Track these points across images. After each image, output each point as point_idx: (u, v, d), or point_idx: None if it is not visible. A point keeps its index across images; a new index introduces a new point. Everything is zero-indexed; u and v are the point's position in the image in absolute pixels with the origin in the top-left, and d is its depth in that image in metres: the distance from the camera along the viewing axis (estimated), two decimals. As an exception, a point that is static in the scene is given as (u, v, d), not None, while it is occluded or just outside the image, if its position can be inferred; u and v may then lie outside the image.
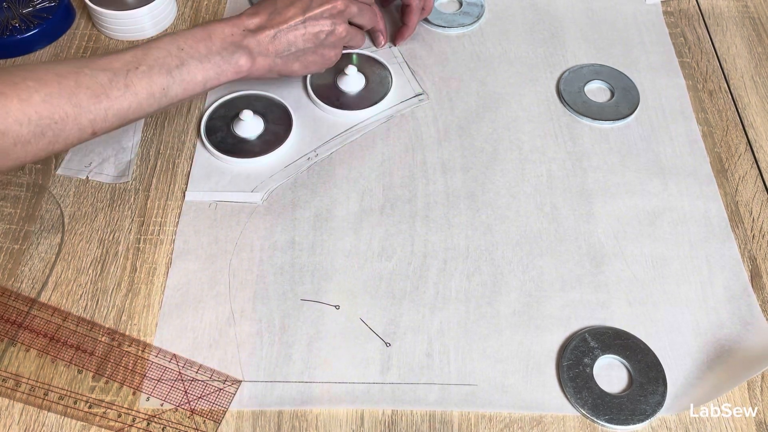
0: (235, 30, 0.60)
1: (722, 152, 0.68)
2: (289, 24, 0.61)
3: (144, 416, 0.51)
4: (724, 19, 0.80)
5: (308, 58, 0.64)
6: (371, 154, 0.66)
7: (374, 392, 0.52)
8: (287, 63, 0.63)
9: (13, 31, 0.73)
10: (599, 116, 0.70)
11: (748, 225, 0.63)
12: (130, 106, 0.55)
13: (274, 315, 0.56)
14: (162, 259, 0.59)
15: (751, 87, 0.73)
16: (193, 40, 0.58)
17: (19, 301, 0.56)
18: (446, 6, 0.80)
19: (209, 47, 0.58)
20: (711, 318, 0.57)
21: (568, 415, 0.52)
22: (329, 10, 0.63)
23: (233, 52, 0.59)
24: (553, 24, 0.79)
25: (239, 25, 0.60)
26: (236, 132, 0.67)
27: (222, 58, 0.59)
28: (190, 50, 0.57)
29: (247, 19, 0.61)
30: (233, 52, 0.59)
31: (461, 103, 0.71)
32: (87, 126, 0.53)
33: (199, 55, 0.58)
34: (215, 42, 0.59)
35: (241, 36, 0.60)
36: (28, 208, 0.62)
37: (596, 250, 0.60)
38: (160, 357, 0.54)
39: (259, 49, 0.61)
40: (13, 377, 0.53)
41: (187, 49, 0.57)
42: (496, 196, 0.64)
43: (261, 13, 0.62)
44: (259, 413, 0.52)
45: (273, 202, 0.63)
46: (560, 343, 0.55)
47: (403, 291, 0.58)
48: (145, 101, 0.55)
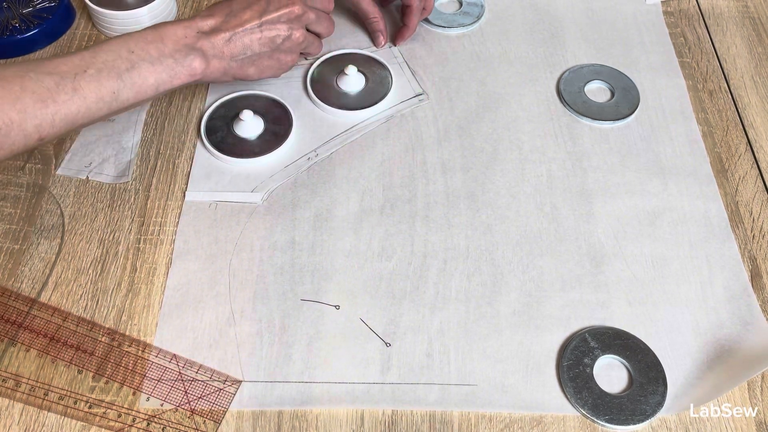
0: (188, 32, 0.59)
1: (722, 152, 0.68)
2: (245, 27, 0.60)
3: (144, 416, 0.51)
4: (724, 19, 0.80)
5: (264, 62, 0.63)
6: (371, 154, 0.66)
7: (374, 392, 0.52)
8: (242, 67, 0.62)
9: (13, 31, 0.73)
10: (599, 116, 0.70)
11: (748, 225, 0.63)
12: (78, 111, 0.53)
13: (274, 315, 0.56)
14: (162, 259, 0.59)
15: (751, 87, 0.73)
16: (144, 42, 0.57)
17: (19, 301, 0.56)
18: (446, 6, 0.80)
19: (161, 50, 0.57)
20: (711, 318, 0.57)
21: (568, 415, 0.52)
22: (286, 15, 0.62)
23: (186, 55, 0.58)
24: (553, 24, 0.79)
25: (193, 26, 0.59)
26: (236, 132, 0.67)
27: (175, 60, 0.57)
28: (141, 53, 0.56)
29: (201, 20, 0.60)
30: (186, 55, 0.58)
31: (461, 103, 0.71)
32: (33, 132, 0.51)
33: (150, 57, 0.56)
34: (167, 44, 0.57)
35: (195, 38, 0.59)
36: (28, 208, 0.62)
37: (596, 250, 0.60)
38: (160, 357, 0.54)
39: (214, 51, 0.59)
40: (13, 377, 0.53)
41: (138, 52, 0.56)
42: (496, 196, 0.64)
43: (216, 14, 0.60)
44: (259, 413, 0.52)
45: (273, 202, 0.63)
46: (560, 343, 0.55)
47: (403, 291, 0.58)
48: (94, 105, 0.54)
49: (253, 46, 0.61)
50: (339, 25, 0.77)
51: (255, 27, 0.61)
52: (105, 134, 0.67)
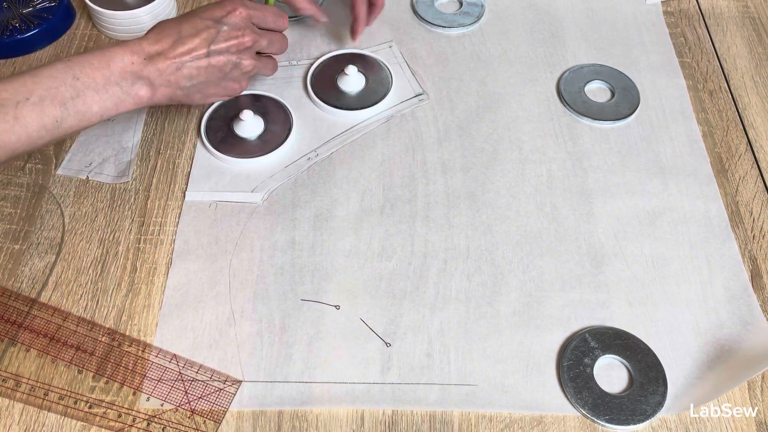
0: (135, 58, 0.56)
1: (722, 152, 0.68)
2: (192, 55, 0.58)
3: (144, 416, 0.51)
4: (724, 19, 0.80)
5: (210, 90, 0.61)
6: (371, 154, 0.66)
7: (374, 392, 0.52)
8: (188, 94, 0.60)
9: (13, 31, 0.73)
10: (599, 116, 0.70)
11: (749, 225, 0.62)
12: (18, 140, 0.51)
13: (274, 315, 0.56)
14: (162, 259, 0.59)
15: (751, 87, 0.73)
16: (89, 68, 0.54)
17: (19, 301, 0.56)
18: (446, 6, 0.80)
19: (107, 77, 0.55)
20: (711, 318, 0.57)
21: (569, 415, 0.52)
22: (236, 46, 0.60)
23: (133, 83, 0.56)
24: (553, 24, 0.79)
25: (140, 52, 0.57)
26: (236, 132, 0.67)
27: (121, 88, 0.56)
28: (87, 80, 0.54)
29: (148, 45, 0.57)
30: (133, 83, 0.56)
31: (461, 103, 0.71)
32: None
33: (96, 85, 0.54)
34: (114, 71, 0.55)
35: (142, 65, 0.56)
36: (28, 208, 0.62)
37: (596, 250, 0.60)
38: (160, 357, 0.54)
39: (161, 80, 0.57)
40: (13, 377, 0.53)
41: (83, 79, 0.54)
42: (496, 196, 0.64)
43: (163, 39, 0.58)
44: (259, 413, 0.52)
45: (273, 202, 0.63)
46: (560, 343, 0.55)
47: (403, 291, 0.58)
48: (35, 133, 0.52)
49: (199, 75, 0.59)
50: (339, 25, 0.77)
51: (202, 56, 0.58)
52: (105, 134, 0.67)
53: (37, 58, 0.74)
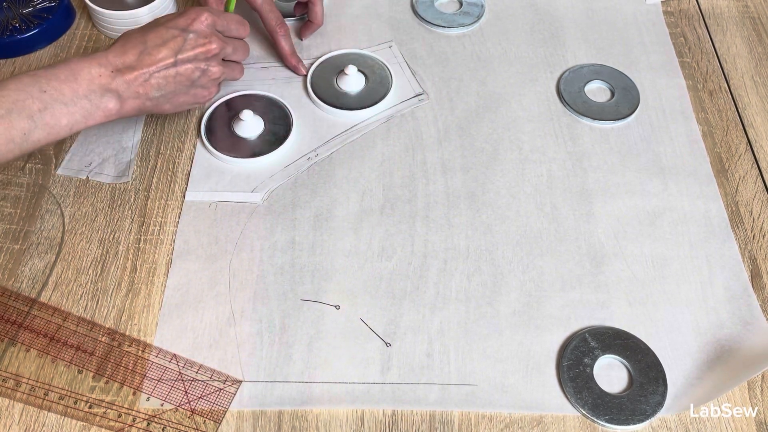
0: (102, 71, 0.56)
1: (722, 152, 0.68)
2: (159, 65, 0.58)
3: (144, 416, 0.51)
4: (724, 19, 0.80)
5: (179, 98, 0.61)
6: (371, 154, 0.66)
7: (374, 392, 0.52)
8: (158, 104, 0.60)
9: (13, 31, 0.73)
10: (599, 116, 0.70)
11: (749, 225, 0.63)
12: None
13: (274, 315, 0.56)
14: (162, 259, 0.59)
15: (751, 87, 0.73)
16: (57, 81, 0.54)
17: (19, 301, 0.56)
18: (446, 6, 0.80)
19: (75, 90, 0.55)
20: (711, 318, 0.57)
21: (569, 415, 0.52)
22: (203, 53, 0.60)
23: (101, 96, 0.56)
24: (553, 24, 0.79)
25: (106, 64, 0.56)
26: (236, 132, 0.67)
27: (89, 101, 0.55)
28: (54, 93, 0.54)
29: (114, 57, 0.57)
30: (101, 96, 0.56)
31: (461, 103, 0.71)
32: None
33: (63, 98, 0.54)
34: (81, 84, 0.55)
35: (110, 77, 0.56)
36: (28, 208, 0.62)
37: (596, 250, 0.60)
38: (160, 357, 0.54)
39: (129, 92, 0.57)
40: (13, 377, 0.53)
41: (50, 92, 0.53)
42: (496, 196, 0.64)
43: (130, 51, 0.58)
44: (259, 413, 0.52)
45: (273, 202, 0.63)
46: (560, 343, 0.55)
47: (403, 291, 0.58)
48: (3, 147, 0.51)
49: (168, 85, 0.59)
50: (339, 26, 0.77)
51: (170, 65, 0.59)
52: (105, 134, 0.67)
53: (37, 58, 0.74)
